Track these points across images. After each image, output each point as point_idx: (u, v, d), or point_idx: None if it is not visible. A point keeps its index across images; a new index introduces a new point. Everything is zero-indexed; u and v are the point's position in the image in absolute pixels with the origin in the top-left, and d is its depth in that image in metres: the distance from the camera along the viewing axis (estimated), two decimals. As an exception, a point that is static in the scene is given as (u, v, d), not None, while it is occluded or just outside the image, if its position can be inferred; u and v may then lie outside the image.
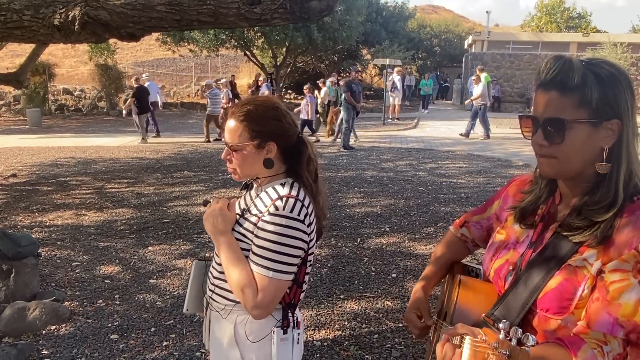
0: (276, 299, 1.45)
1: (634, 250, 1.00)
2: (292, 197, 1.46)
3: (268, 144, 1.50)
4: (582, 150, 1.07)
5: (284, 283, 1.45)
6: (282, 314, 1.52)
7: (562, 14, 37.43)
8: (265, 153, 1.50)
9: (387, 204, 6.69)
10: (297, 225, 1.43)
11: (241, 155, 1.51)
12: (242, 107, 1.51)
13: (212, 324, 1.62)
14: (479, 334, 0.88)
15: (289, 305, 1.53)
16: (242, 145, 1.49)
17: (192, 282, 1.71)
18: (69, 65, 33.79)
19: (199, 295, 1.70)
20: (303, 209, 1.46)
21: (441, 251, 1.53)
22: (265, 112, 1.50)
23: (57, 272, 4.41)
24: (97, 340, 3.29)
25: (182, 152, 11.49)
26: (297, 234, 1.43)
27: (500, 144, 12.38)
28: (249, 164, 1.52)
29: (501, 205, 1.38)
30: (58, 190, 7.65)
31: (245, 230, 1.49)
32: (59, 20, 2.57)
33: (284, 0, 2.35)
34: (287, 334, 1.52)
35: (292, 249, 1.44)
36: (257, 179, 1.57)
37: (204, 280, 1.69)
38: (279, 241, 1.42)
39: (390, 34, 27.23)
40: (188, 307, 1.71)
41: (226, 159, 1.55)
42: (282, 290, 1.46)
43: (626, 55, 21.56)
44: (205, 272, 1.70)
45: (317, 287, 4.09)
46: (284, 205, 1.43)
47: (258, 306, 1.42)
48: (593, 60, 1.09)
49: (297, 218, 1.44)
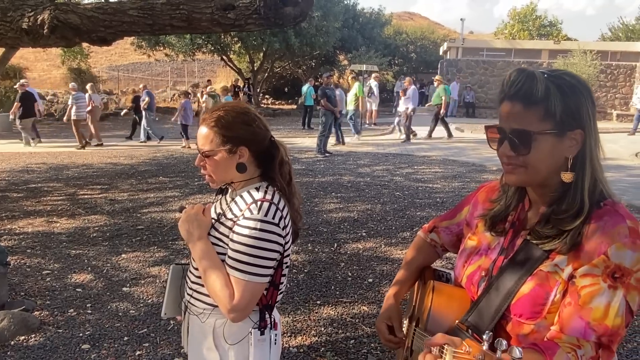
0: (253, 301, 1.47)
1: (603, 255, 1.03)
2: (267, 200, 1.48)
3: (240, 148, 1.51)
4: (548, 161, 1.10)
5: (260, 286, 1.47)
6: (259, 315, 1.54)
7: (534, 22, 38.28)
8: (237, 158, 1.52)
9: (364, 209, 6.71)
10: (272, 228, 1.45)
11: (214, 161, 1.52)
12: (213, 114, 1.52)
13: (191, 327, 1.63)
14: (460, 344, 0.88)
15: (266, 306, 1.55)
16: (214, 151, 1.51)
17: (170, 287, 1.71)
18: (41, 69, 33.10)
19: (177, 299, 1.71)
20: (278, 212, 1.48)
21: (412, 256, 1.53)
22: (235, 117, 1.52)
23: (27, 281, 4.30)
24: (68, 351, 3.21)
25: (158, 158, 11.35)
26: (272, 237, 1.45)
27: (474, 149, 12.56)
28: (222, 170, 1.53)
29: (471, 212, 1.39)
30: (29, 196, 7.47)
31: (221, 234, 1.50)
32: (28, 23, 2.51)
33: (258, 6, 2.33)
34: (264, 335, 1.53)
35: (268, 252, 1.45)
36: (232, 183, 1.58)
37: (182, 285, 1.70)
38: (255, 245, 1.43)
39: (367, 40, 27.44)
40: (166, 312, 1.71)
41: (200, 165, 1.56)
42: (258, 293, 1.48)
43: (595, 63, 22.16)
44: (182, 276, 1.71)
45: (294, 293, 4.07)
46: (259, 209, 1.45)
47: (235, 309, 1.43)
48: (555, 72, 1.11)
49: (272, 221, 1.45)
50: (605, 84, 23.80)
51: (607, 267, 1.02)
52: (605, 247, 1.03)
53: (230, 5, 2.41)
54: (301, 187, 7.95)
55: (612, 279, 1.01)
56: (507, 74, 1.12)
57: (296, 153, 11.97)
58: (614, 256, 1.02)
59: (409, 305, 1.56)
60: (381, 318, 1.45)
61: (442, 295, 1.28)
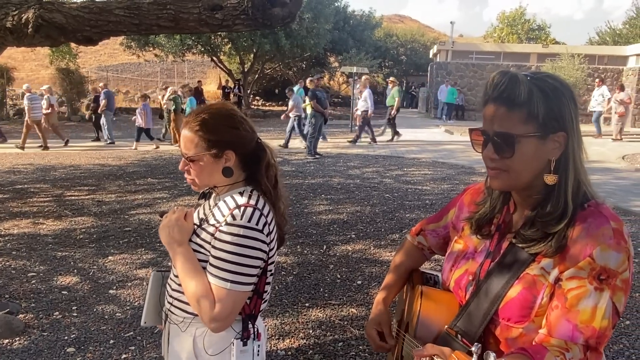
0: (235, 311, 1.41)
1: (589, 258, 1.03)
2: (250, 206, 1.42)
3: (226, 152, 1.46)
4: (531, 163, 1.10)
5: (242, 294, 1.41)
6: (242, 325, 1.47)
7: (523, 26, 38.65)
8: (223, 162, 1.46)
9: (353, 211, 6.71)
10: (255, 235, 1.39)
11: (199, 166, 1.46)
12: (197, 117, 1.46)
13: (171, 336, 1.57)
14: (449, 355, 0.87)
15: (249, 316, 1.48)
16: (199, 155, 1.45)
17: (150, 294, 1.65)
18: (29, 68, 32.79)
19: (157, 307, 1.65)
20: (262, 217, 1.42)
21: (400, 259, 1.52)
22: (220, 120, 1.46)
23: (12, 283, 4.24)
24: (53, 354, 3.16)
25: (146, 159, 11.27)
26: (255, 243, 1.39)
27: (463, 152, 12.62)
28: (207, 174, 1.48)
29: (457, 214, 1.39)
30: (15, 198, 7.37)
31: (202, 240, 1.45)
32: (12, 22, 2.46)
33: (246, 6, 2.32)
34: (247, 346, 1.47)
35: (251, 260, 1.39)
36: (216, 187, 1.53)
37: (162, 292, 1.63)
38: (237, 252, 1.38)
39: (357, 42, 27.53)
40: (146, 320, 1.65)
41: (184, 170, 1.50)
42: (240, 302, 1.42)
43: (583, 67, 22.38)
44: (163, 283, 1.65)
45: (282, 296, 4.05)
46: (242, 214, 1.39)
47: (216, 319, 1.38)
48: (537, 74, 1.11)
49: (255, 228, 1.40)
50: (592, 87, 24.01)
51: (593, 270, 1.02)
52: (591, 250, 1.03)
53: (218, 6, 2.38)
54: (291, 189, 7.98)
55: (598, 281, 1.02)
56: (491, 76, 1.12)
57: (286, 154, 11.95)
58: (599, 258, 1.02)
59: (398, 309, 1.55)
60: (371, 324, 1.43)
61: (431, 300, 1.27)
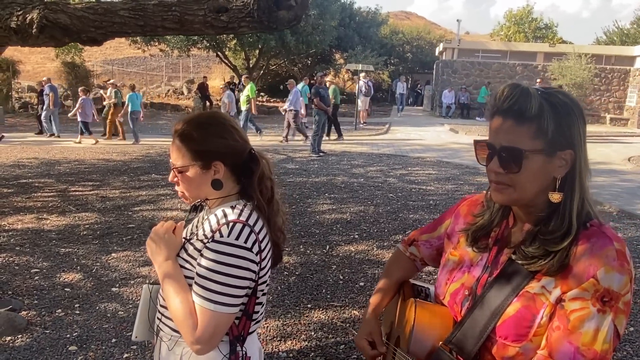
0: (218, 334, 1.32)
1: (593, 279, 1.01)
2: (240, 222, 1.33)
3: (214, 163, 1.38)
4: (536, 180, 1.08)
5: (227, 316, 1.32)
6: (229, 347, 1.38)
7: (530, 24, 38.42)
8: (212, 174, 1.39)
9: (356, 211, 6.70)
10: (243, 253, 1.31)
11: (186, 177, 1.39)
12: (184, 125, 1.40)
13: (161, 353, 1.50)
14: None
15: (237, 338, 1.40)
16: (186, 166, 1.38)
17: (141, 308, 1.57)
18: (35, 61, 32.83)
19: (147, 322, 1.56)
20: (252, 235, 1.33)
21: (391, 270, 1.49)
22: (208, 129, 1.39)
23: (15, 280, 4.25)
24: (55, 352, 3.17)
25: (150, 154, 11.28)
26: (243, 263, 1.30)
27: (468, 151, 12.58)
28: (195, 186, 1.41)
29: (452, 225, 1.36)
30: (19, 192, 7.39)
31: (189, 256, 1.37)
32: (16, 22, 2.46)
33: (251, 8, 2.31)
34: None
35: (238, 280, 1.30)
36: (207, 200, 1.45)
37: (151, 307, 1.54)
38: (222, 271, 1.29)
39: (363, 39, 27.44)
40: (137, 334, 1.55)
41: (173, 181, 1.43)
42: (225, 325, 1.33)
43: (590, 66, 22.24)
44: (151, 297, 1.56)
45: (285, 296, 4.05)
46: (229, 231, 1.31)
47: (199, 341, 1.30)
48: (548, 89, 1.09)
49: (243, 246, 1.31)
50: (599, 87, 23.90)
51: (597, 291, 1.00)
52: (594, 270, 1.01)
53: (224, 8, 2.37)
54: (294, 187, 7.96)
55: (602, 303, 1.00)
56: (500, 88, 1.10)
57: (290, 152, 11.95)
58: (603, 280, 1.00)
59: (386, 321, 1.50)
60: (361, 334, 1.39)
61: (425, 315, 1.23)
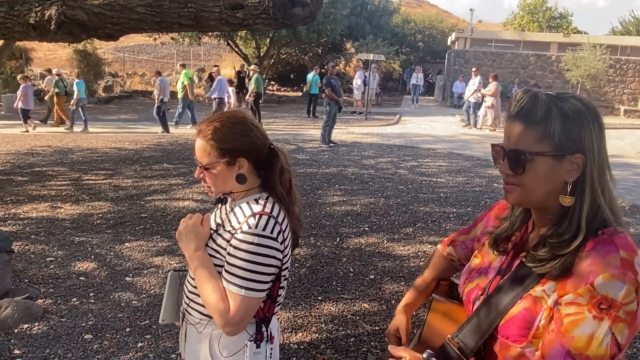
0: (248, 316, 1.46)
1: (589, 286, 1.01)
2: (266, 214, 1.46)
3: (238, 160, 1.50)
4: (544, 182, 1.10)
5: (256, 300, 1.46)
6: (255, 328, 1.53)
7: (544, 14, 37.83)
8: (237, 169, 1.51)
9: (367, 203, 6.71)
10: (270, 243, 1.43)
11: (212, 174, 1.51)
12: (209, 125, 1.50)
13: (188, 335, 1.63)
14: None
15: (263, 319, 1.54)
16: (212, 164, 1.50)
17: (168, 293, 1.71)
18: (47, 48, 32.98)
19: (175, 306, 1.71)
20: (277, 226, 1.46)
21: (428, 269, 1.56)
22: (232, 128, 1.50)
23: (31, 268, 4.33)
24: (71, 340, 3.24)
25: (162, 143, 11.35)
26: (270, 252, 1.43)
27: (479, 143, 12.51)
28: (221, 182, 1.53)
29: (483, 228, 1.42)
30: (33, 180, 7.49)
31: (218, 246, 1.49)
32: (35, 18, 2.48)
33: (267, 5, 2.31)
34: (260, 348, 1.53)
35: (265, 267, 1.44)
36: (232, 193, 1.57)
37: (180, 292, 1.69)
38: (252, 260, 1.42)
39: (374, 29, 27.24)
40: (164, 318, 1.71)
41: (199, 177, 1.56)
42: (254, 308, 1.47)
43: (605, 57, 21.90)
44: (181, 282, 1.70)
45: (295, 288, 4.09)
46: (257, 223, 1.43)
47: (230, 323, 1.43)
48: (561, 94, 1.11)
49: (270, 236, 1.43)
50: (613, 78, 23.60)
51: (593, 298, 1.01)
52: (593, 277, 1.02)
53: (239, 5, 2.37)
54: (305, 178, 7.97)
55: (598, 310, 1.00)
56: (515, 92, 1.15)
57: (300, 142, 11.96)
58: (600, 287, 1.01)
59: None
60: (390, 329, 1.49)
61: (439, 311, 1.31)
